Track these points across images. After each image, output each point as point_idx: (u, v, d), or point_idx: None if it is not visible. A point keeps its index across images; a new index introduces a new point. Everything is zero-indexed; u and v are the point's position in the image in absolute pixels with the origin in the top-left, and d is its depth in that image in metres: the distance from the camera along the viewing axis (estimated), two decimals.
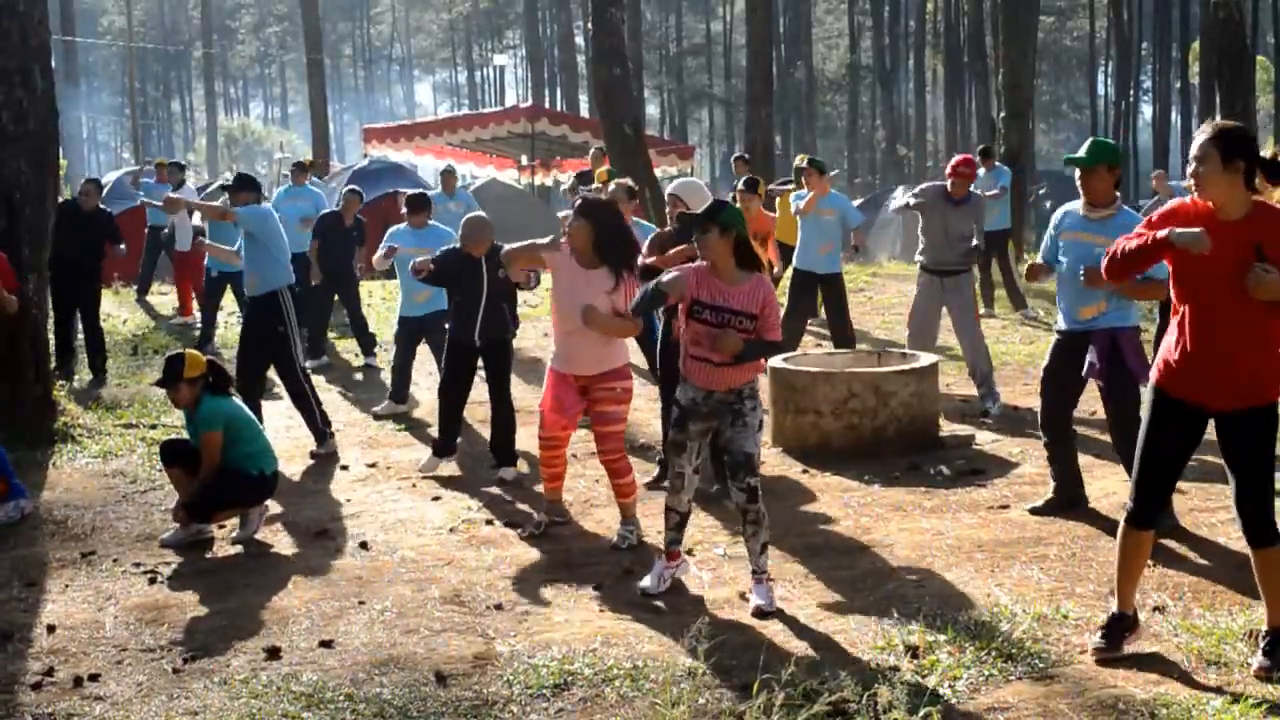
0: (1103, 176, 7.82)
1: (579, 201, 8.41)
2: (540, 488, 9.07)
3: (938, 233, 11.84)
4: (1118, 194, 7.95)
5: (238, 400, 8.95)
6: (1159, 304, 9.59)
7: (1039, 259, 8.42)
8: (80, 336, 14.94)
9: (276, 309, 10.89)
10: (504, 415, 10.19)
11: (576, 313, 8.08)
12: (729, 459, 7.06)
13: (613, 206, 8.55)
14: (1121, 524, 6.12)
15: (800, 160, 17.64)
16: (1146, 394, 6.02)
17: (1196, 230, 5.47)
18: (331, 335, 16.54)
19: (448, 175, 18.97)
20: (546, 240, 8.39)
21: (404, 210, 12.79)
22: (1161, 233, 5.58)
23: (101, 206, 15.97)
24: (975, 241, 11.85)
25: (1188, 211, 5.71)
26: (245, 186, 11.42)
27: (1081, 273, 7.74)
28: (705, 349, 6.94)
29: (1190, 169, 5.64)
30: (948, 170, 11.94)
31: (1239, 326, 5.59)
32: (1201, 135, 5.62)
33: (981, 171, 19.06)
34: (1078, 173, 7.93)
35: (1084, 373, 8.10)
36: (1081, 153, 7.87)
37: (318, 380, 13.56)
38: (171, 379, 8.56)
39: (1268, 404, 5.73)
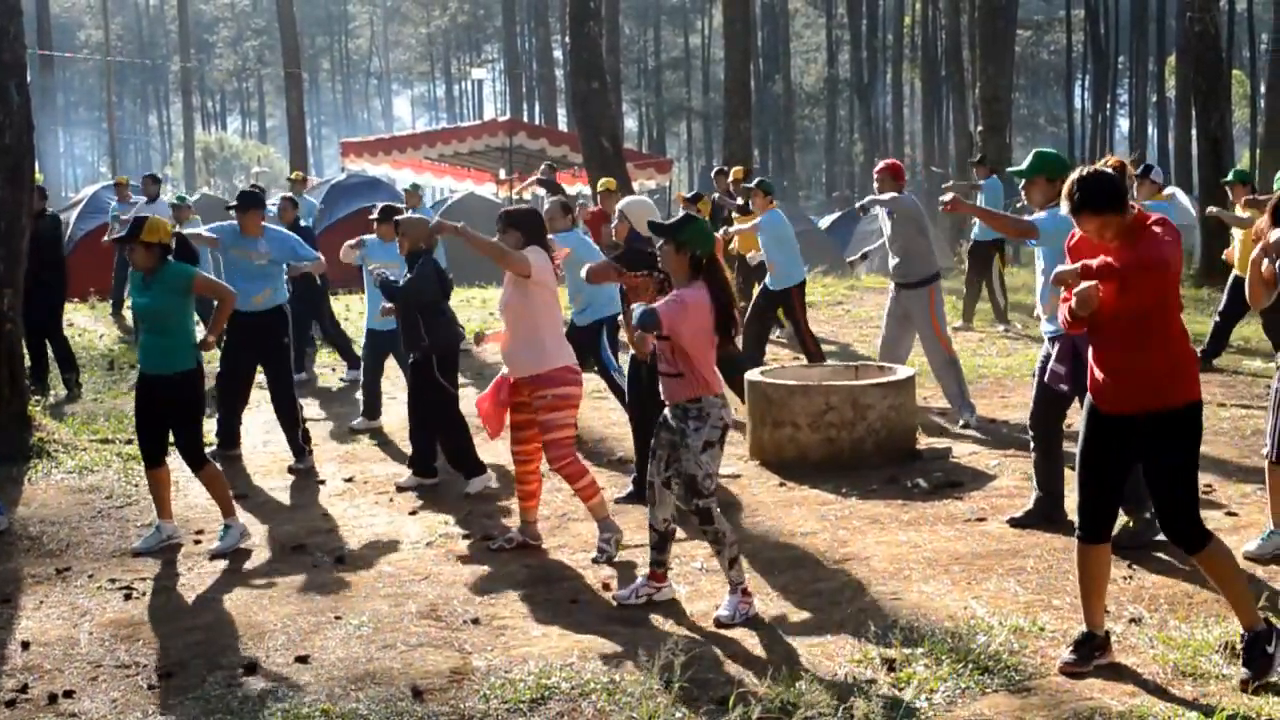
0: (1041, 186, 8.38)
1: (503, 212, 8.54)
2: (515, 500, 9.06)
3: (885, 246, 12.06)
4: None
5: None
6: None
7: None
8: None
9: (283, 322, 11.02)
10: (445, 430, 10.18)
11: (506, 317, 8.36)
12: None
13: (534, 214, 8.64)
14: (1076, 544, 6.16)
15: (736, 174, 17.85)
16: (1084, 409, 6.10)
17: (1088, 289, 5.68)
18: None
19: (411, 193, 18.85)
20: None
21: (374, 221, 12.67)
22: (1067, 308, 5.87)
23: (49, 210, 15.63)
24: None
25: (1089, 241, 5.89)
26: (254, 204, 11.29)
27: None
28: (659, 362, 7.07)
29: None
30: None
31: (1128, 332, 5.71)
32: (1070, 187, 5.75)
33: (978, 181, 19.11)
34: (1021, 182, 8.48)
35: (1045, 379, 8.16)
36: (1023, 165, 8.45)
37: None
38: (129, 237, 8.59)
39: (1184, 405, 5.79)
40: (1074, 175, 5.77)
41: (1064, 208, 5.80)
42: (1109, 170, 5.80)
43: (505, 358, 8.42)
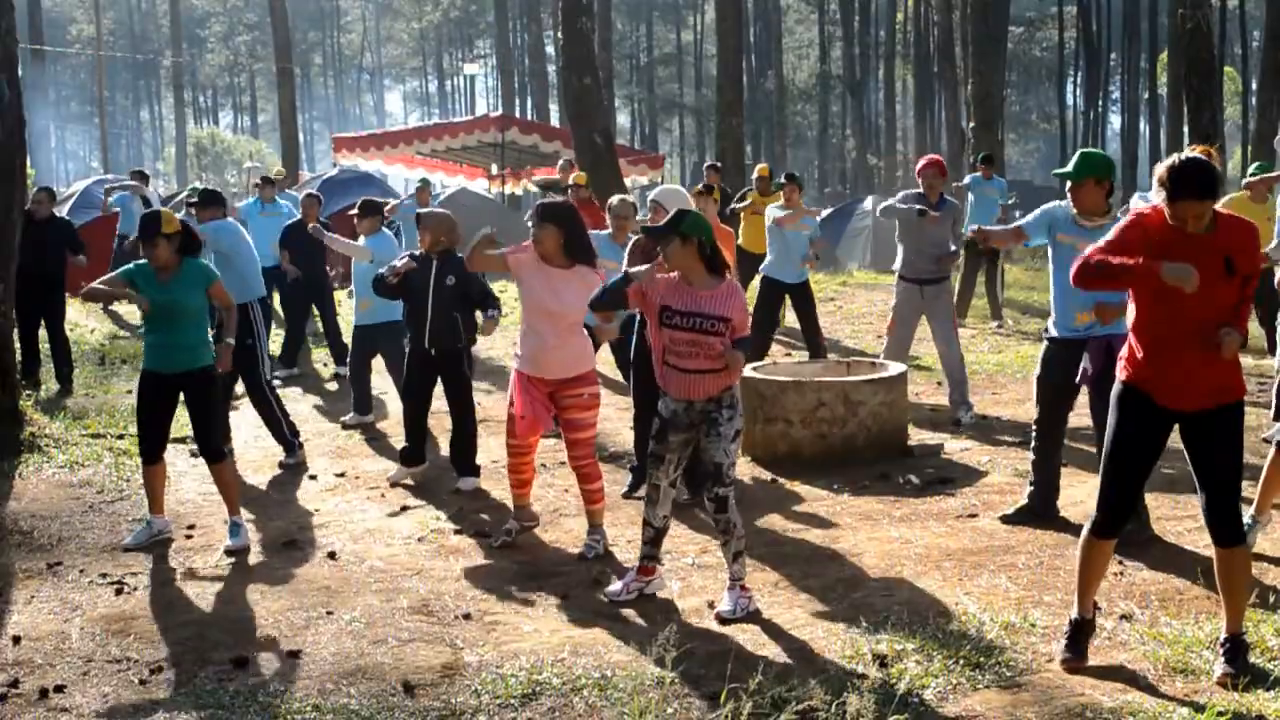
0: (1090, 190, 7.82)
1: (538, 206, 8.42)
2: (505, 498, 9.05)
3: (914, 242, 11.76)
4: (1110, 203, 7.98)
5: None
6: None
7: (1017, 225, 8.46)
8: (45, 346, 14.84)
9: (245, 322, 10.86)
10: (463, 427, 10.17)
11: (548, 316, 8.15)
12: (700, 468, 7.07)
13: (571, 207, 8.56)
14: (1086, 534, 6.15)
15: (761, 170, 17.98)
16: (1113, 399, 6.05)
17: (1187, 267, 5.43)
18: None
19: (422, 189, 18.92)
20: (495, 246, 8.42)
21: (354, 217, 12.63)
22: (1154, 265, 5.51)
23: (57, 214, 15.84)
24: (953, 248, 11.83)
25: (1153, 222, 5.73)
26: (210, 202, 11.37)
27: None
28: (682, 357, 6.96)
29: (1160, 198, 5.67)
30: (917, 175, 11.90)
31: (1205, 330, 5.66)
32: (1166, 173, 5.62)
33: (966, 178, 19.16)
34: (1068, 185, 7.93)
35: (1077, 380, 8.06)
36: (1069, 167, 7.90)
37: (291, 390, 13.55)
38: (151, 234, 8.46)
39: (1235, 401, 5.81)
40: (1169, 162, 5.64)
41: (1157, 196, 5.65)
42: (1202, 157, 5.70)
43: (540, 359, 8.25)
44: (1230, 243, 5.61)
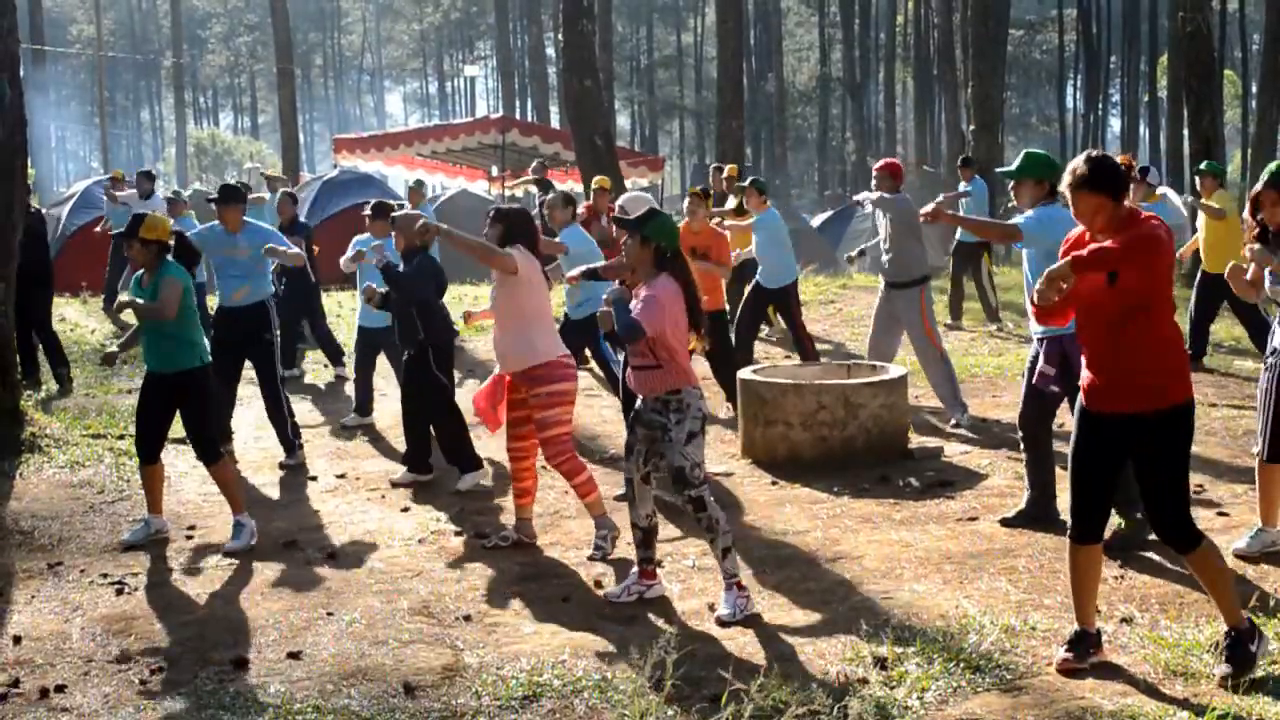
0: (1029, 187, 8.50)
1: (492, 208, 8.70)
2: (507, 500, 9.06)
3: (879, 245, 12.02)
4: (1050, 199, 8.40)
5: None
6: None
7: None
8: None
9: (266, 318, 10.95)
10: (438, 425, 10.23)
11: (495, 311, 8.43)
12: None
13: (523, 213, 8.81)
14: (1068, 542, 6.17)
15: (731, 170, 17.99)
16: (1075, 409, 6.15)
17: (1043, 279, 5.66)
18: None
19: (414, 190, 18.89)
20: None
21: (367, 217, 12.60)
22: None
23: (32, 207, 15.68)
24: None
25: (1081, 237, 5.96)
26: (234, 199, 11.24)
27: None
28: (631, 354, 7.11)
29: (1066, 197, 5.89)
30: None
31: (1119, 329, 5.74)
32: (1072, 166, 5.84)
33: (961, 185, 19.15)
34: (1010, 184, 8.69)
35: (1034, 381, 8.15)
36: (1012, 167, 8.60)
37: (288, 390, 13.54)
38: (129, 234, 8.68)
39: (1173, 405, 5.82)
40: (1080, 156, 5.84)
41: (1064, 181, 5.81)
42: (1107, 155, 5.86)
43: (497, 354, 8.45)
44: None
